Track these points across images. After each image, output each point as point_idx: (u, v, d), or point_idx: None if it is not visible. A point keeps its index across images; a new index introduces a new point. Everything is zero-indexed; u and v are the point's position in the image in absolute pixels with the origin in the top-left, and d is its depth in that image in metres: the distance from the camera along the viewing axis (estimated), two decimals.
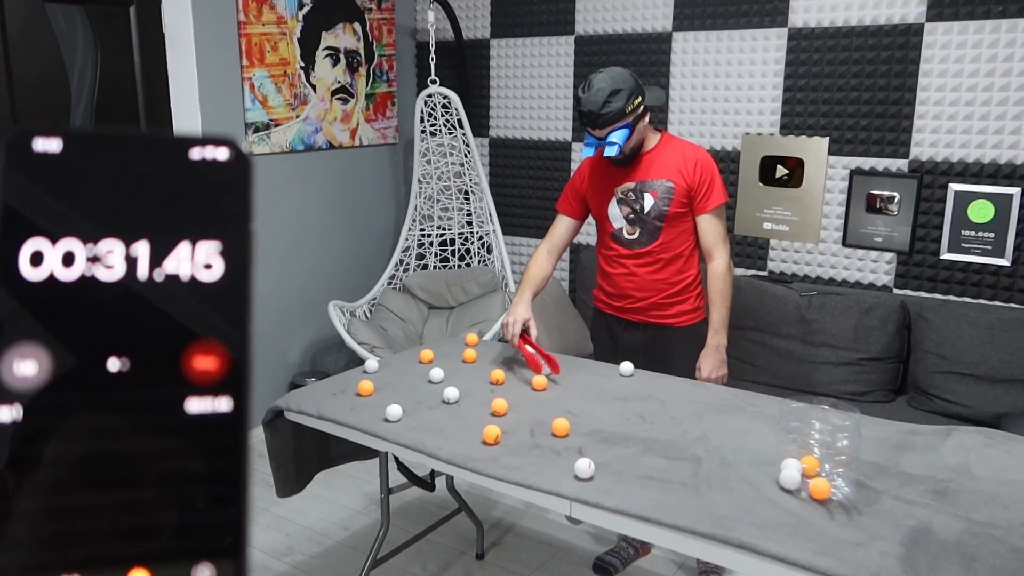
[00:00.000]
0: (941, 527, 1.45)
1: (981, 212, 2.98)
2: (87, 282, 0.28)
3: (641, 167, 2.36)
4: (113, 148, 0.28)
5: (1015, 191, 2.91)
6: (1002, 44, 2.87)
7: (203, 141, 0.29)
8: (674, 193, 2.32)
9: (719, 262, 2.37)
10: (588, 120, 2.23)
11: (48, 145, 0.28)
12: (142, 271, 0.28)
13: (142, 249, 0.28)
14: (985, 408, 2.82)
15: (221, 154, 0.29)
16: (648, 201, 2.35)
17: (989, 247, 2.99)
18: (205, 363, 0.29)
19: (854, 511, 1.51)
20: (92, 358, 0.28)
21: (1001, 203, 2.94)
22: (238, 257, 0.29)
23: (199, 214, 0.29)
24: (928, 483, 1.62)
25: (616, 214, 2.40)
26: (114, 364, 0.28)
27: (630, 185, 2.37)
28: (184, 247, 0.29)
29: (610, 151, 2.24)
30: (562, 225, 2.53)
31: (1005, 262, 2.97)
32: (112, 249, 0.28)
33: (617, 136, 2.23)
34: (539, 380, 2.16)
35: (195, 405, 0.29)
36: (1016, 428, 2.50)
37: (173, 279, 0.29)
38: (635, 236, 2.39)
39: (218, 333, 0.29)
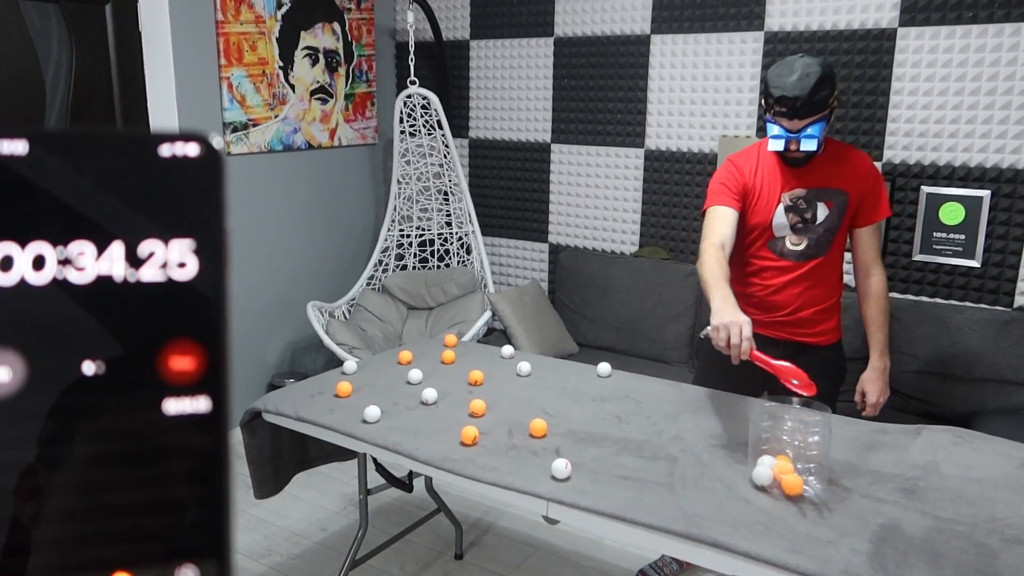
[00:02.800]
0: (909, 524, 1.48)
1: (952, 214, 3.04)
2: (59, 285, 0.27)
3: (813, 172, 2.11)
4: (81, 148, 0.28)
5: (985, 193, 2.97)
6: (972, 49, 2.93)
7: (172, 137, 0.28)
8: (848, 205, 2.11)
9: (881, 279, 2.16)
10: (789, 107, 1.96)
11: (13, 147, 0.27)
12: (115, 272, 0.28)
13: (114, 250, 0.28)
14: (955, 407, 2.87)
15: (191, 150, 0.28)
16: (821, 211, 2.11)
17: (960, 248, 3.04)
18: (182, 363, 0.28)
19: (825, 509, 1.54)
20: (67, 362, 0.28)
21: (971, 205, 3.00)
22: (212, 254, 0.28)
23: (171, 212, 0.28)
24: (897, 481, 1.65)
25: (782, 222, 2.14)
26: (89, 367, 0.28)
27: (800, 192, 2.12)
28: (157, 246, 0.28)
29: (808, 145, 1.99)
30: (730, 220, 2.11)
31: (975, 263, 3.02)
32: (83, 251, 0.28)
33: (816, 129, 1.99)
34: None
35: (173, 406, 0.28)
36: (985, 427, 2.55)
37: (146, 279, 0.28)
38: (800, 247, 2.14)
39: (194, 332, 0.28)
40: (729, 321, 1.77)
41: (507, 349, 2.47)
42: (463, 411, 2.01)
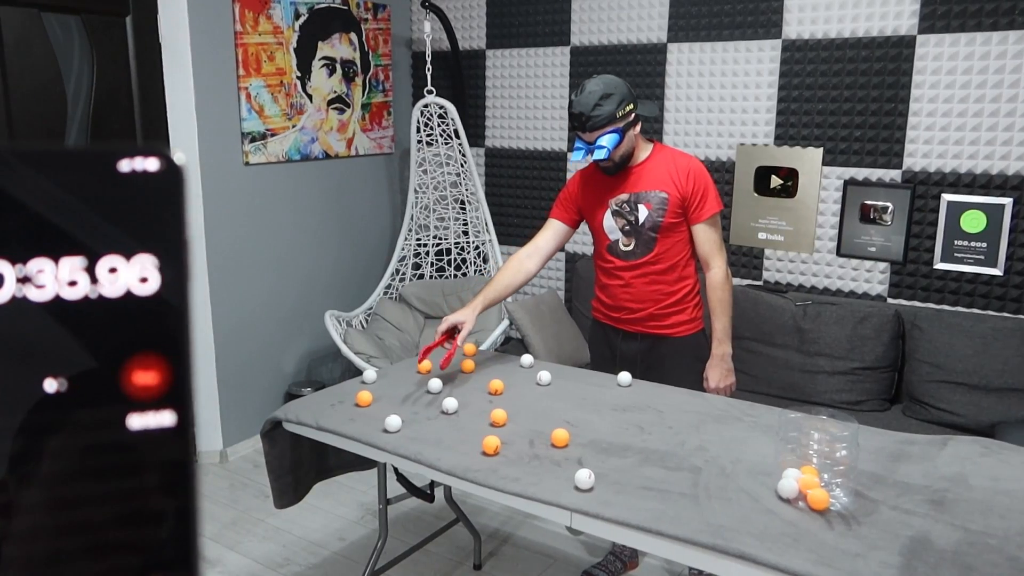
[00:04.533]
0: (939, 537, 1.46)
1: (973, 222, 3.01)
2: (18, 303, 0.27)
3: (634, 178, 2.34)
4: (39, 164, 0.28)
5: (1007, 201, 2.94)
6: (993, 56, 2.90)
7: (132, 152, 0.28)
8: (668, 204, 2.30)
9: (717, 271, 2.36)
10: (578, 122, 2.21)
11: None
12: (75, 289, 0.28)
13: (74, 266, 0.28)
14: (979, 417, 2.83)
15: (151, 165, 0.28)
16: (642, 212, 2.32)
17: (981, 257, 3.01)
18: (145, 378, 0.28)
19: (853, 521, 1.52)
20: (28, 380, 0.27)
21: (993, 213, 2.97)
22: (174, 269, 0.28)
23: (131, 227, 0.28)
24: (925, 493, 1.63)
25: (611, 226, 2.38)
26: (51, 385, 0.28)
27: (624, 197, 2.35)
28: (118, 262, 0.28)
29: (599, 154, 2.21)
30: (551, 230, 2.48)
31: (997, 272, 2.99)
32: (43, 268, 0.27)
33: (606, 140, 2.20)
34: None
35: (137, 421, 0.28)
36: (1010, 437, 2.52)
37: (108, 295, 0.28)
38: (631, 248, 2.36)
39: (157, 347, 0.28)
40: (448, 317, 2.34)
41: (527, 358, 2.46)
42: (484, 421, 2.00)
